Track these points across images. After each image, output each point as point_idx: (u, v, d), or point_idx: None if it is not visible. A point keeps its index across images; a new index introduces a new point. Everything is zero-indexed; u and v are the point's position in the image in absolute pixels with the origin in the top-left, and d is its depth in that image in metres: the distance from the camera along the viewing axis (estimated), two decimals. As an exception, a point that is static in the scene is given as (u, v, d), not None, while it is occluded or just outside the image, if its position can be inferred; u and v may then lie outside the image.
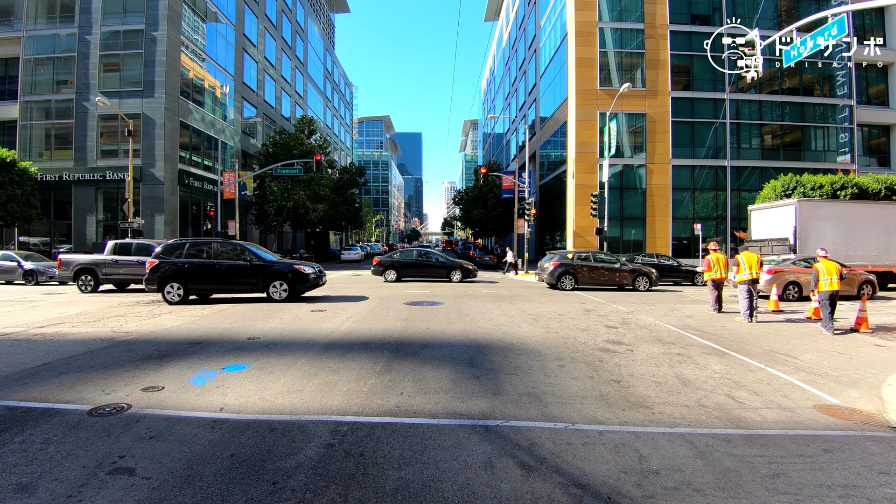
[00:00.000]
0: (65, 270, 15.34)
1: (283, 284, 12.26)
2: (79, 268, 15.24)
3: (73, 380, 5.31)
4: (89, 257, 15.67)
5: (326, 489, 2.92)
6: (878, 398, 4.91)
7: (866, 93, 30.52)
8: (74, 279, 15.25)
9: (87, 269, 15.24)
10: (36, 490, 2.88)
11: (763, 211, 19.46)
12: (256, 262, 12.27)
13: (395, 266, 19.98)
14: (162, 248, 12.46)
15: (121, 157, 25.50)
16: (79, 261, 15.42)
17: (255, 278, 12.23)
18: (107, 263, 15.24)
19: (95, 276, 15.22)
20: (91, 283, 15.25)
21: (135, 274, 15.11)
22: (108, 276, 15.29)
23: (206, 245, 12.46)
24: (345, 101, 76.42)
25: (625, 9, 28.42)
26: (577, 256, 17.11)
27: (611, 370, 5.82)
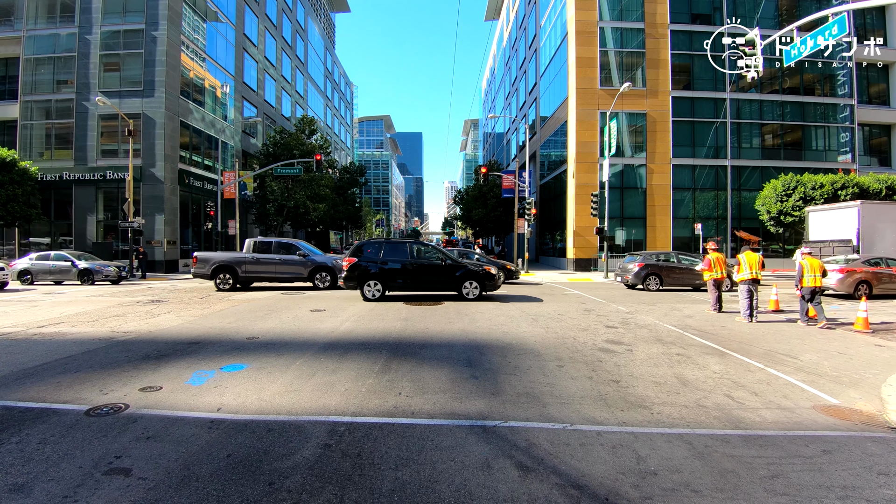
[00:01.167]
0: (202, 268, 15.47)
1: (473, 283, 12.81)
2: (217, 265, 15.41)
3: (71, 380, 5.30)
4: (229, 255, 15.88)
5: (323, 490, 2.91)
6: (878, 398, 4.89)
7: (867, 92, 30.45)
8: (212, 277, 15.43)
9: (226, 267, 15.44)
10: (32, 490, 2.88)
11: (822, 213, 19.40)
12: (450, 262, 12.93)
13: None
14: (355, 247, 13.02)
15: (121, 156, 25.49)
16: (217, 258, 15.58)
17: (450, 278, 12.80)
18: (247, 261, 15.46)
19: (234, 274, 15.40)
20: (230, 282, 15.42)
21: (275, 272, 15.50)
22: (247, 273, 15.50)
23: (402, 245, 13.09)
24: (345, 100, 76.41)
25: (625, 8, 28.37)
26: (659, 258, 17.19)
27: (610, 370, 5.81)
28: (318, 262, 15.85)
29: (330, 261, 15.92)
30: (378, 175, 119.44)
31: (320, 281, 15.77)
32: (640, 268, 16.52)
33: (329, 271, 15.75)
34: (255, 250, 15.78)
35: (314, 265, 15.75)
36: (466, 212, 49.72)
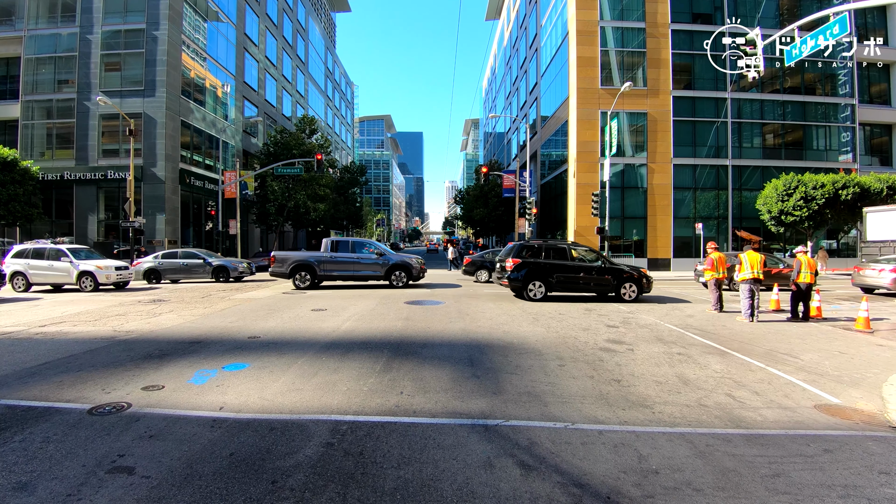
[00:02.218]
0: (280, 267, 15.85)
1: (632, 286, 13.01)
2: (296, 264, 15.72)
3: (73, 379, 5.32)
4: (308, 254, 16.21)
5: (325, 488, 2.92)
6: (879, 398, 4.89)
7: (868, 92, 30.41)
8: (290, 275, 15.74)
9: (305, 266, 15.74)
10: (35, 489, 2.89)
11: (880, 213, 19.35)
12: (609, 265, 13.25)
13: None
14: (515, 248, 13.27)
15: (122, 156, 25.52)
16: (296, 257, 15.94)
17: (609, 279, 13.09)
18: (325, 260, 15.73)
19: (313, 272, 15.69)
20: (308, 280, 15.75)
21: (352, 270, 15.87)
22: (325, 272, 15.78)
23: (563, 247, 13.34)
24: (346, 100, 76.42)
25: (626, 8, 28.35)
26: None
27: (611, 369, 5.81)
28: (395, 261, 16.23)
29: (406, 260, 16.32)
30: (378, 175, 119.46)
31: (396, 280, 16.08)
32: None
33: (405, 270, 16.07)
34: (332, 249, 16.11)
35: (391, 264, 16.11)
36: (467, 211, 49.78)
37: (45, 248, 16.19)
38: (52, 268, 15.79)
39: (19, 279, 15.72)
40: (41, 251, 16.12)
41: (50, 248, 16.22)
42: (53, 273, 15.80)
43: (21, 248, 16.32)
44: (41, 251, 16.12)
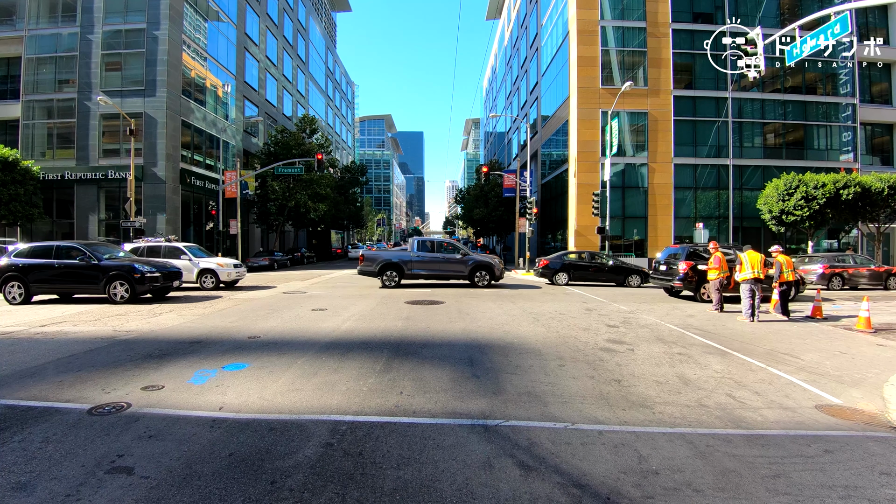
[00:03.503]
0: (369, 266, 16.12)
1: None
2: (384, 263, 15.98)
3: (73, 378, 5.31)
4: (396, 253, 16.53)
5: (325, 489, 2.91)
6: (880, 398, 4.88)
7: (869, 91, 30.35)
8: (378, 274, 16.01)
9: (393, 265, 15.98)
10: (35, 489, 2.89)
11: None
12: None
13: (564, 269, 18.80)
14: (685, 252, 13.65)
15: (123, 156, 25.54)
16: (385, 257, 16.26)
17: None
18: (412, 259, 16.03)
19: (400, 272, 15.95)
20: (395, 279, 16.00)
21: (438, 269, 16.19)
22: (412, 271, 16.04)
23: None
24: (346, 99, 76.43)
25: (627, 7, 28.32)
26: None
27: (611, 370, 5.80)
28: (479, 260, 16.40)
29: (488, 260, 16.51)
30: (379, 174, 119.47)
31: (479, 279, 16.21)
32: None
33: (488, 270, 16.21)
34: (418, 249, 16.46)
35: (475, 263, 16.26)
36: (468, 211, 49.76)
37: (161, 246, 15.87)
38: None
39: None
40: (156, 249, 15.78)
41: (166, 245, 15.93)
42: None
43: (134, 246, 15.81)
44: (156, 249, 15.78)
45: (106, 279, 11.81)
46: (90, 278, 11.89)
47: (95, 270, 11.87)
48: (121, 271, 11.89)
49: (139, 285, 11.93)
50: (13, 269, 11.84)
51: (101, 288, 11.86)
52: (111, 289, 11.83)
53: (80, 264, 11.93)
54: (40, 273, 11.87)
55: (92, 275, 11.88)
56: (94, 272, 11.87)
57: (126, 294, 11.87)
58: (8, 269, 11.84)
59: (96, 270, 11.87)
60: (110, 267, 11.97)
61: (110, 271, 11.87)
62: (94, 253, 12.21)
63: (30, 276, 11.83)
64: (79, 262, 11.93)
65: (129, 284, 11.86)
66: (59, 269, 11.89)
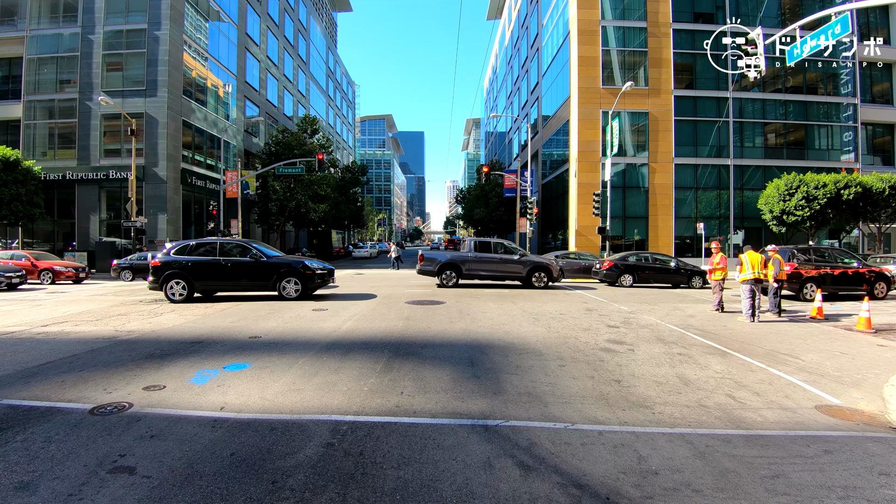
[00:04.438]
0: (428, 265, 16.25)
1: None
2: (443, 263, 16.07)
3: (75, 378, 5.33)
4: (453, 254, 16.63)
5: (325, 488, 2.92)
6: (879, 399, 4.88)
7: (870, 91, 30.31)
8: (437, 273, 16.10)
9: (452, 265, 16.10)
10: (37, 489, 2.90)
11: None
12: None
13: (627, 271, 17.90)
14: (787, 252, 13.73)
15: (124, 156, 25.57)
16: (443, 257, 16.35)
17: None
18: (469, 259, 16.12)
19: (459, 272, 16.09)
20: (454, 278, 16.10)
21: (495, 270, 16.23)
22: (470, 271, 16.13)
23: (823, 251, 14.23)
24: (347, 99, 76.46)
25: (627, 7, 28.32)
26: None
27: (611, 370, 5.81)
28: (537, 262, 16.43)
29: (546, 262, 16.54)
30: (380, 174, 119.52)
31: (537, 280, 16.15)
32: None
33: (546, 271, 16.17)
34: (476, 249, 16.49)
35: (532, 265, 16.24)
36: (468, 211, 49.78)
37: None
38: None
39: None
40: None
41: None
42: None
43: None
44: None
45: (277, 276, 12.01)
46: (260, 276, 12.05)
47: (266, 268, 12.03)
48: (291, 268, 12.10)
49: (309, 282, 12.15)
50: (177, 266, 11.89)
51: (272, 285, 12.07)
52: (282, 286, 12.05)
53: (250, 262, 12.08)
54: (207, 270, 11.94)
55: (262, 272, 12.04)
56: (265, 269, 12.02)
57: (297, 291, 12.13)
58: (171, 267, 11.88)
59: (266, 268, 12.02)
60: (280, 264, 12.16)
61: (280, 268, 12.07)
62: (262, 250, 12.42)
63: (195, 274, 11.89)
64: (248, 260, 12.08)
65: (301, 281, 12.10)
66: (227, 266, 11.97)
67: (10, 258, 18.35)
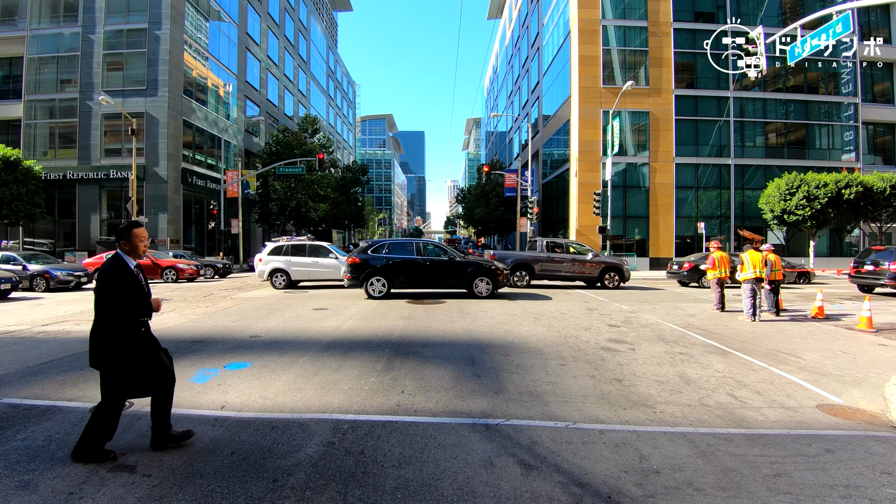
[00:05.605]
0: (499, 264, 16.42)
1: None
2: (517, 262, 16.24)
3: (75, 377, 5.33)
4: (527, 253, 16.78)
5: (326, 487, 2.92)
6: (881, 398, 4.87)
7: (871, 90, 30.27)
8: (511, 273, 16.10)
9: (524, 265, 16.24)
10: (38, 487, 2.90)
11: None
12: None
13: None
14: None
15: (124, 155, 25.58)
16: (517, 256, 16.60)
17: None
18: (542, 259, 16.28)
19: (531, 271, 16.25)
20: (526, 278, 16.31)
21: (567, 270, 16.36)
22: (543, 271, 16.27)
23: None
24: (347, 99, 76.47)
25: (628, 6, 28.30)
26: None
27: (612, 369, 5.80)
28: (609, 262, 16.52)
29: (618, 262, 16.64)
30: (380, 174, 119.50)
31: (609, 281, 16.22)
32: None
33: (618, 272, 16.28)
34: (548, 249, 16.62)
35: (605, 265, 16.30)
36: (469, 211, 49.79)
37: (306, 244, 16.20)
38: (318, 264, 15.87)
39: (280, 276, 15.65)
40: (301, 247, 16.11)
41: (311, 243, 16.28)
42: (319, 269, 15.89)
43: (277, 245, 16.16)
44: (301, 247, 16.11)
45: (470, 275, 12.75)
46: (455, 275, 12.82)
47: (460, 267, 12.82)
48: (482, 268, 12.83)
49: (498, 281, 12.82)
50: (379, 264, 12.70)
51: (466, 283, 12.82)
52: (475, 284, 12.78)
53: (446, 261, 12.91)
54: (406, 269, 12.71)
55: (457, 272, 12.82)
56: (459, 269, 12.80)
57: (488, 289, 12.78)
58: (372, 265, 12.69)
59: (460, 267, 12.82)
60: (468, 263, 12.95)
61: (468, 267, 12.83)
62: (454, 251, 13.25)
63: (395, 272, 12.67)
64: (445, 260, 12.91)
65: (492, 280, 12.78)
66: (426, 265, 12.73)
67: None
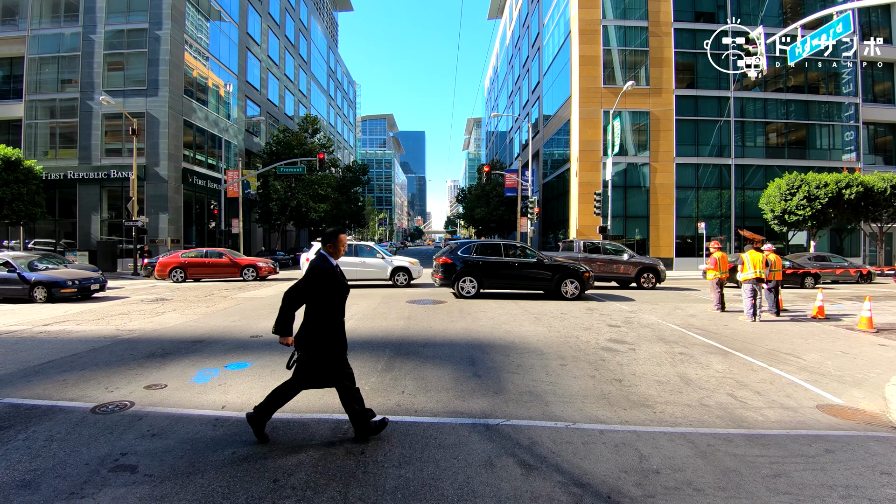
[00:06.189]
0: None
1: None
2: None
3: (76, 377, 5.34)
4: (564, 255, 16.78)
5: (327, 487, 2.93)
6: (881, 398, 4.88)
7: (872, 90, 30.23)
8: None
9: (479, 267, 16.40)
10: (39, 487, 2.91)
11: None
12: None
13: None
14: None
15: (125, 155, 25.59)
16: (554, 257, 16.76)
17: None
18: (579, 259, 16.40)
19: None
20: None
21: (607, 271, 16.58)
22: None
23: None
24: (348, 99, 76.48)
25: (628, 6, 28.28)
26: None
27: (613, 369, 5.81)
28: (647, 263, 16.64)
29: (654, 263, 16.69)
30: (381, 174, 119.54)
31: (646, 281, 16.33)
32: None
33: (655, 272, 16.38)
34: (585, 250, 16.85)
35: (642, 265, 16.42)
36: (469, 211, 49.80)
37: (353, 244, 16.54)
38: (365, 264, 16.06)
39: None
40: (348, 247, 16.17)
41: (358, 244, 16.59)
42: (366, 269, 16.08)
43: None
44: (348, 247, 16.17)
45: (557, 278, 12.84)
46: (543, 276, 12.95)
47: (548, 269, 12.96)
48: (570, 271, 12.94)
49: (586, 283, 12.93)
50: (470, 265, 13.02)
51: (553, 285, 12.88)
52: (563, 286, 12.85)
53: (535, 262, 13.05)
54: (497, 270, 12.98)
55: (545, 273, 12.94)
56: (547, 270, 12.94)
57: (575, 291, 12.86)
58: (464, 265, 13.02)
59: (548, 269, 12.96)
60: (556, 266, 13.04)
61: (556, 269, 12.95)
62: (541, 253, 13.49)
63: (486, 272, 12.96)
64: (533, 261, 13.08)
65: (580, 282, 12.86)
66: (515, 266, 13.04)
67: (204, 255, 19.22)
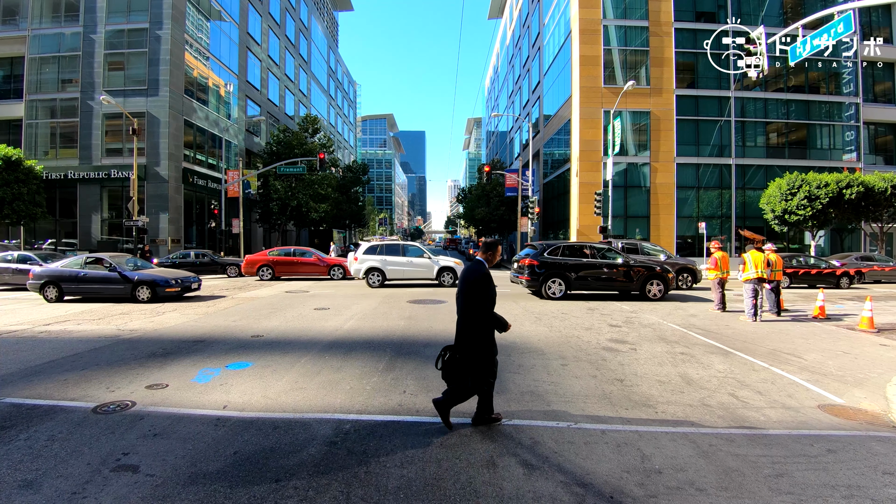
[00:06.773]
0: None
1: None
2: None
3: (77, 377, 5.34)
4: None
5: (329, 487, 2.93)
6: (882, 398, 4.87)
7: (873, 90, 30.20)
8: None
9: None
10: (41, 487, 2.91)
11: None
12: None
13: None
14: None
15: (125, 155, 25.59)
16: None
17: None
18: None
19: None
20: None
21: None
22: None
23: None
24: (348, 99, 76.46)
25: (629, 6, 28.25)
26: None
27: (614, 369, 5.80)
28: (682, 263, 16.82)
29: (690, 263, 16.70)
30: (381, 174, 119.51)
31: (682, 282, 16.34)
32: None
33: (692, 273, 16.44)
34: (623, 250, 16.71)
35: (679, 266, 16.51)
36: (469, 210, 49.74)
37: (399, 244, 16.88)
38: (412, 264, 16.35)
39: (375, 274, 16.03)
40: (395, 247, 16.72)
41: (403, 244, 16.97)
42: (413, 269, 16.34)
43: (372, 245, 16.81)
44: (395, 247, 16.72)
45: (642, 279, 12.90)
46: (628, 278, 12.98)
47: (634, 271, 13.00)
48: (654, 271, 12.98)
49: (669, 284, 13.01)
50: (558, 267, 13.06)
51: (638, 286, 12.96)
52: (647, 287, 12.94)
53: (622, 264, 13.05)
54: (584, 271, 13.06)
55: (630, 275, 12.97)
56: (633, 273, 12.98)
57: (660, 292, 12.93)
58: (552, 268, 13.06)
59: (633, 271, 13.00)
60: (643, 267, 13.08)
61: (641, 271, 12.98)
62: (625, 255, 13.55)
63: (570, 275, 13.04)
64: (620, 263, 13.07)
65: (664, 283, 12.93)
66: (602, 268, 13.04)
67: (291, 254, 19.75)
